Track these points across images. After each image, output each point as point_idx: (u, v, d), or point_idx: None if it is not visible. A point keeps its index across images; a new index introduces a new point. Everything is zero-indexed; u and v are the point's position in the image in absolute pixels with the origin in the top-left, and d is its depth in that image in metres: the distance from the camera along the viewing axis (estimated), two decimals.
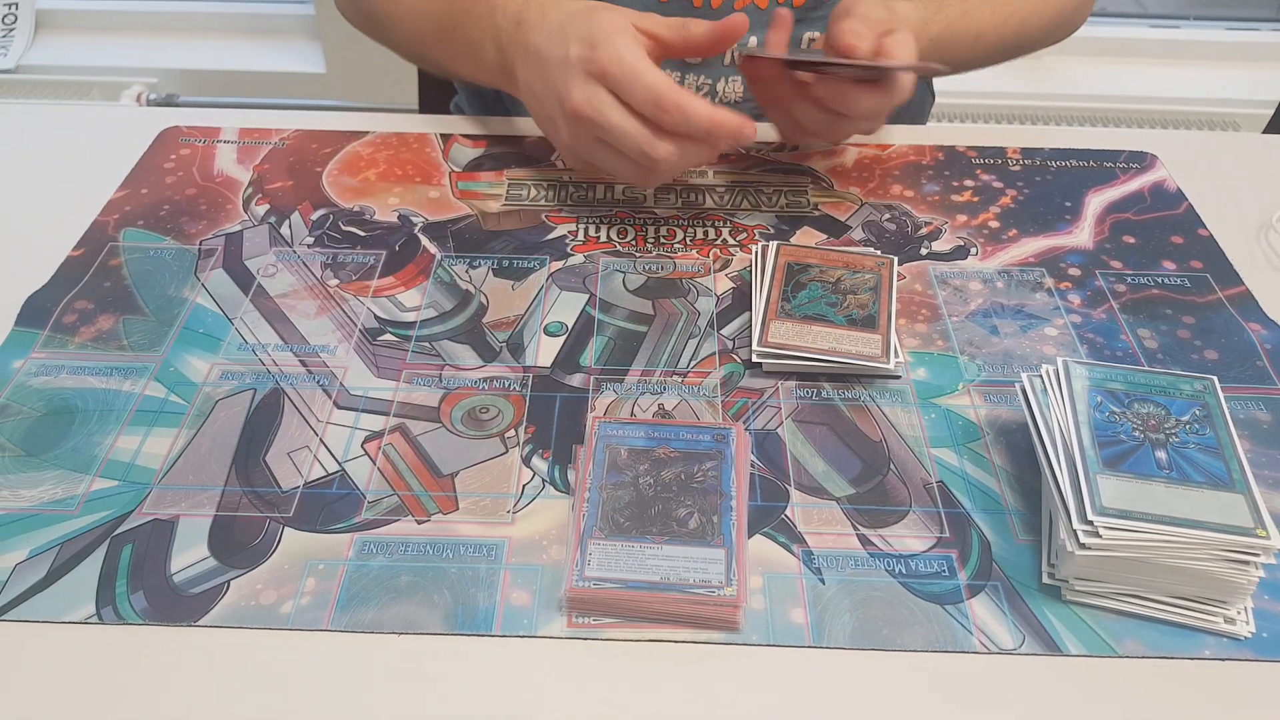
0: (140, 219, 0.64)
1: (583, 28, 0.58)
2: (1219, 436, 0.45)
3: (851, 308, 0.56)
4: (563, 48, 0.58)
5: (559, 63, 0.58)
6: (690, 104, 0.55)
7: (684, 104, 0.55)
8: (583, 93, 0.57)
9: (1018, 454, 0.50)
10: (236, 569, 0.44)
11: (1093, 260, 0.62)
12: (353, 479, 0.48)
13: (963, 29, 0.72)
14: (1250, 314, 0.58)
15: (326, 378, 0.53)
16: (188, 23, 1.86)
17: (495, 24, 0.64)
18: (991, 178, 0.70)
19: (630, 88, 0.55)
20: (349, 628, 0.42)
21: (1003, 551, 0.45)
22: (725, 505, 0.45)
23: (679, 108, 0.55)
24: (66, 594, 0.43)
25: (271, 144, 0.72)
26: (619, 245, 0.63)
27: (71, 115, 0.77)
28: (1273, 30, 1.80)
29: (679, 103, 0.55)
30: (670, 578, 0.42)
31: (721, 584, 0.42)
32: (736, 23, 0.59)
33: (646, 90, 0.55)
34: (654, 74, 0.55)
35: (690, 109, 0.55)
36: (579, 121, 0.58)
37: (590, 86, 0.57)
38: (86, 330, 0.56)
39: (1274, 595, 0.43)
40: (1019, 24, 0.77)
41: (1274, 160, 0.73)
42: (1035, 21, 0.78)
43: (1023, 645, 0.42)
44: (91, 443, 0.49)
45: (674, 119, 0.55)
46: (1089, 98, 1.71)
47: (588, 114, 0.57)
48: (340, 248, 0.63)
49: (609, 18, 0.58)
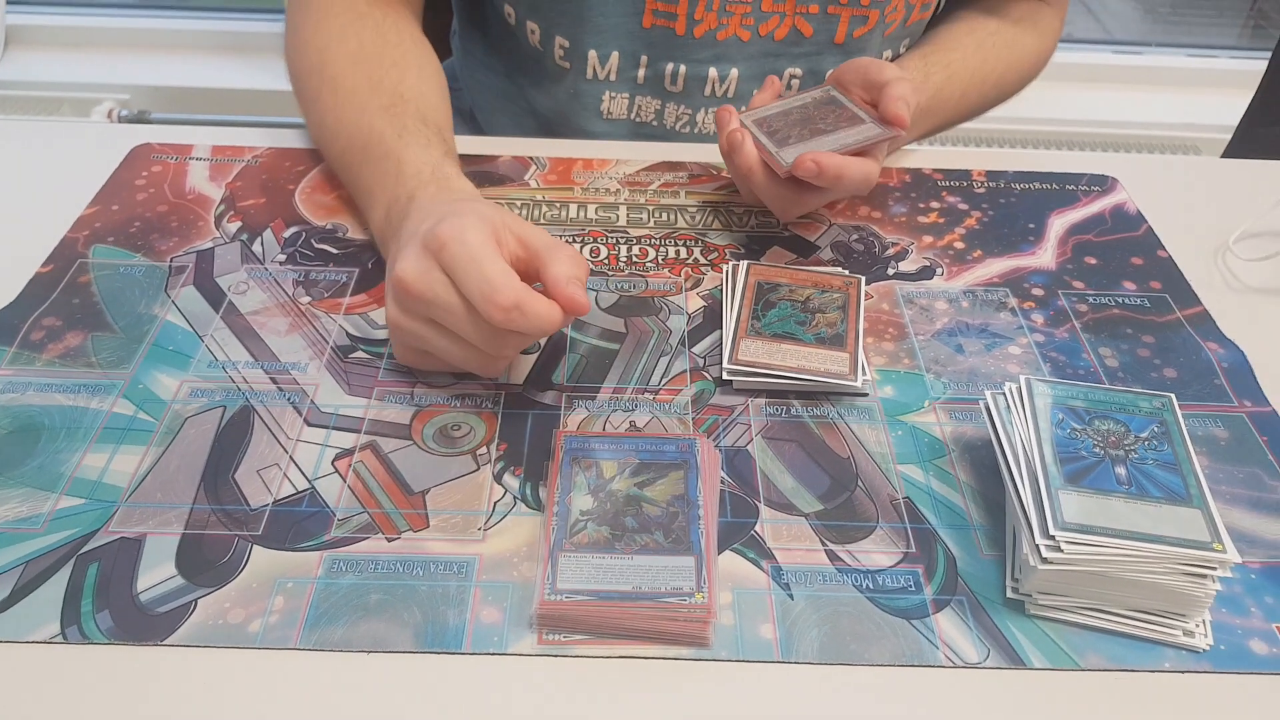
0: (110, 236, 0.64)
1: (447, 208, 0.50)
2: (1177, 453, 0.46)
3: (820, 326, 0.57)
4: (418, 223, 0.51)
5: (406, 236, 0.51)
6: (531, 306, 0.46)
7: (523, 304, 0.45)
8: (415, 265, 0.48)
9: (982, 470, 0.50)
10: (204, 587, 0.44)
11: (1055, 281, 0.64)
12: (323, 496, 0.48)
13: (948, 92, 0.74)
14: (1208, 334, 0.60)
15: (297, 395, 0.53)
16: (161, 39, 1.85)
17: (393, 188, 0.58)
18: (957, 199, 0.71)
19: (465, 271, 0.46)
20: (318, 646, 0.42)
21: (968, 566, 0.46)
22: (693, 514, 0.45)
23: (517, 307, 0.45)
24: (31, 613, 0.42)
25: (244, 161, 0.72)
26: (592, 264, 0.64)
27: (42, 131, 0.77)
28: (1231, 57, 1.84)
29: (518, 302, 0.45)
30: (642, 587, 0.42)
31: (692, 591, 0.42)
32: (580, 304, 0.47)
33: (481, 281, 0.46)
34: (495, 265, 0.46)
35: (530, 311, 0.46)
36: (405, 294, 0.48)
37: (424, 261, 0.48)
38: (54, 347, 0.55)
39: (1231, 609, 0.44)
40: (997, 80, 0.79)
41: (1232, 183, 0.75)
42: (1011, 77, 0.81)
43: (987, 659, 0.42)
44: (58, 460, 0.49)
45: (507, 318, 0.45)
46: (1052, 121, 1.74)
47: (415, 287, 0.47)
48: (312, 265, 0.63)
49: (483, 208, 0.50)
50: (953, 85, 0.74)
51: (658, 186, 0.71)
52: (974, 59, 0.76)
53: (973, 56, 0.76)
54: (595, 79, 0.77)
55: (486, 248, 0.47)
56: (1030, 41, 0.81)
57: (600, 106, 0.78)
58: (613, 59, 0.75)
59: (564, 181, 0.71)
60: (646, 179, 0.72)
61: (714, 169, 0.73)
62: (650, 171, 0.73)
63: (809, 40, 0.75)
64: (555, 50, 0.76)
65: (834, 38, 0.75)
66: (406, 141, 0.60)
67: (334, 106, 0.66)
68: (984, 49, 0.77)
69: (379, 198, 0.59)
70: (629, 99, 0.78)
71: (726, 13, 0.73)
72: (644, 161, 0.74)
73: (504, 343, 0.48)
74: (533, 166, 0.73)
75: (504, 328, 0.46)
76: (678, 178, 0.72)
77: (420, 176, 0.57)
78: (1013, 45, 0.79)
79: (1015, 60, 0.80)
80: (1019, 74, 0.81)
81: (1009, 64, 0.79)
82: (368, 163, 0.62)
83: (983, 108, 0.81)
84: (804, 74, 0.77)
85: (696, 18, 0.73)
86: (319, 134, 0.68)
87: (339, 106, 0.65)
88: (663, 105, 0.78)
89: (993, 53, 0.77)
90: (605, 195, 0.70)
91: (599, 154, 0.74)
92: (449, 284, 0.47)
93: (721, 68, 0.75)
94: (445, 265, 0.47)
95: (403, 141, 0.60)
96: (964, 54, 0.76)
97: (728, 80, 0.76)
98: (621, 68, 0.76)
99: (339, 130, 0.65)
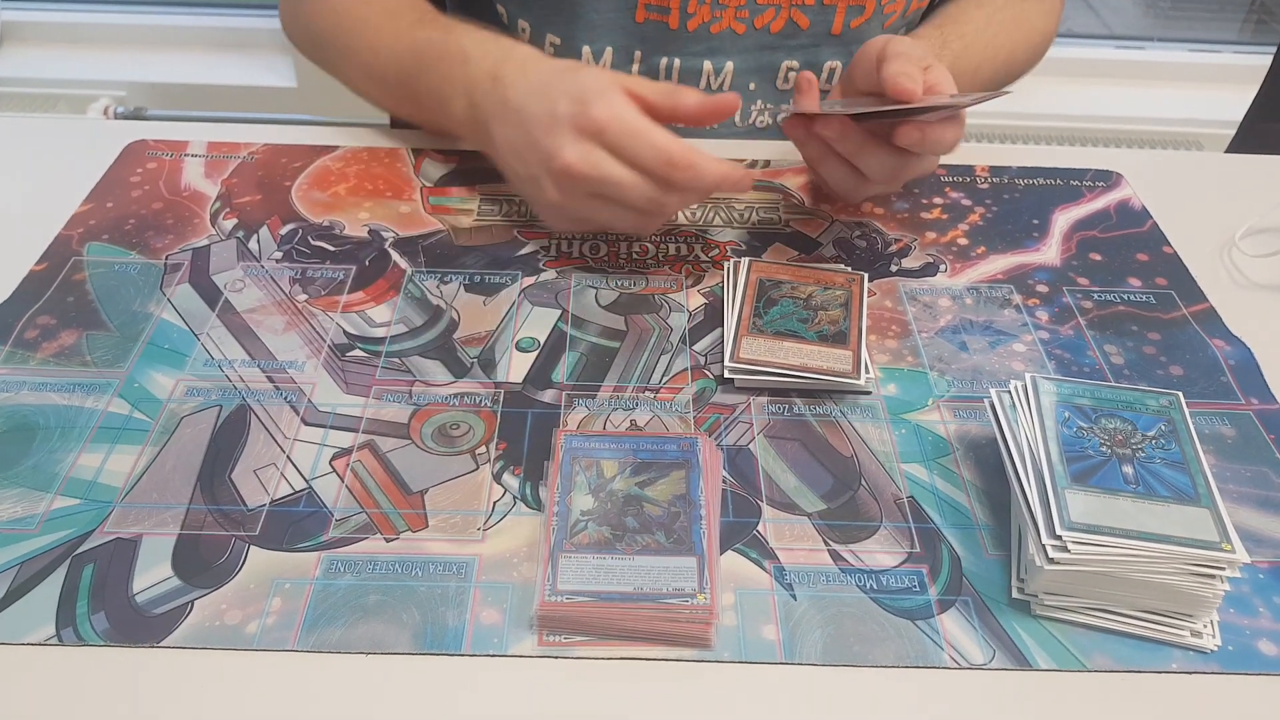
0: (105, 233, 0.63)
1: (570, 85, 0.56)
2: (1184, 451, 0.45)
3: (823, 324, 0.56)
4: (549, 105, 0.56)
5: (545, 120, 0.56)
6: (702, 163, 0.54)
7: (696, 163, 0.54)
8: (576, 150, 0.54)
9: (987, 469, 0.50)
10: (201, 589, 0.43)
11: (1060, 277, 0.63)
12: (320, 496, 0.47)
13: (965, 64, 0.73)
14: (1214, 330, 0.59)
15: (294, 394, 0.53)
16: (157, 36, 1.85)
17: (468, 75, 0.62)
18: (960, 195, 0.71)
19: (635, 146, 0.54)
20: (316, 648, 0.41)
21: (973, 566, 0.45)
22: (695, 514, 0.45)
23: (691, 166, 0.54)
24: (26, 615, 0.42)
25: (240, 158, 0.71)
26: (591, 261, 0.63)
27: (37, 128, 0.76)
28: (1234, 52, 1.83)
29: (692, 161, 0.54)
30: (643, 588, 0.42)
31: (694, 592, 0.42)
32: (728, 100, 0.57)
33: (655, 150, 0.53)
34: (660, 133, 0.54)
35: (702, 168, 0.54)
36: (571, 179, 0.55)
37: (583, 144, 0.54)
38: (49, 346, 0.55)
39: (1239, 609, 0.44)
40: (1007, 56, 0.78)
41: (1237, 179, 0.74)
42: (1020, 54, 0.80)
43: (993, 660, 0.42)
44: (53, 460, 0.48)
45: (685, 176, 0.54)
46: (1056, 117, 1.74)
47: (584, 171, 0.54)
48: (309, 262, 0.62)
49: (596, 75, 0.56)
50: (969, 56, 0.73)
51: None
52: (985, 33, 0.75)
53: (984, 30, 0.75)
54: None
55: (643, 119, 0.54)
56: (1035, 18, 0.80)
57: None
58: (606, 55, 0.75)
59: None
60: None
61: None
62: None
63: (805, 32, 0.74)
64: (545, 48, 0.75)
65: (831, 28, 0.74)
66: (458, 34, 0.64)
67: (367, 48, 0.70)
68: (994, 23, 0.76)
69: (454, 91, 0.63)
70: None
71: (720, 5, 0.72)
72: None
73: (669, 203, 0.56)
74: None
75: (681, 187, 0.54)
76: None
77: (493, 55, 0.61)
78: (1019, 21, 0.79)
79: (1023, 37, 0.80)
80: (1026, 50, 0.81)
81: (1017, 41, 0.79)
82: (425, 71, 0.65)
83: (993, 85, 0.80)
84: (801, 65, 0.76)
85: (690, 11, 0.72)
86: (363, 81, 0.73)
87: (373, 47, 0.69)
88: None
89: (1002, 28, 0.77)
90: None
91: None
92: (615, 161, 0.54)
93: (716, 61, 0.75)
94: (610, 144, 0.54)
95: (454, 35, 0.64)
96: (976, 27, 0.75)
97: (723, 73, 0.76)
98: (615, 63, 0.75)
99: (382, 65, 0.69)
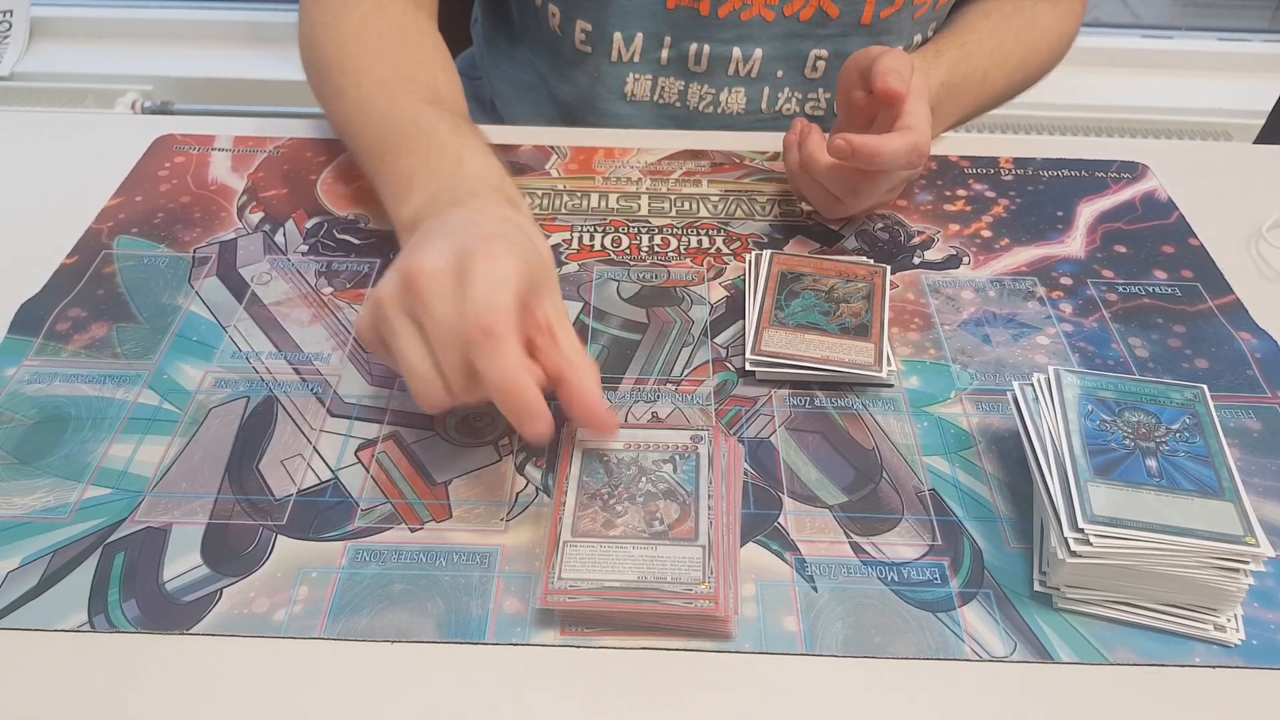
0: (134, 227, 0.64)
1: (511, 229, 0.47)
2: (1209, 445, 0.45)
3: (844, 316, 0.56)
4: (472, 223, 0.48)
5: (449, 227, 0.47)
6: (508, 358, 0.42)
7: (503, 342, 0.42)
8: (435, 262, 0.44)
9: (1009, 462, 0.50)
10: (229, 577, 0.44)
11: (1084, 269, 0.63)
12: (346, 487, 0.48)
13: (968, 68, 0.73)
14: (1240, 323, 0.59)
15: (320, 386, 0.53)
16: (183, 30, 1.86)
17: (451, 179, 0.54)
18: (984, 187, 0.70)
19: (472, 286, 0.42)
20: (342, 636, 0.42)
21: (994, 559, 0.45)
22: (703, 505, 0.45)
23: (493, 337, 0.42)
24: (58, 602, 0.43)
25: (266, 152, 0.72)
26: (613, 254, 0.63)
27: (66, 123, 0.78)
28: (1264, 41, 1.80)
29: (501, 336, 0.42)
30: (647, 577, 0.42)
31: (698, 581, 0.42)
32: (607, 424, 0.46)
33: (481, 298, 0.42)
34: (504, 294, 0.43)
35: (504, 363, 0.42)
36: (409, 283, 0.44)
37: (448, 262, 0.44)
38: (80, 338, 0.56)
39: (1263, 603, 0.44)
40: (1019, 60, 0.77)
41: (1265, 170, 0.74)
42: (1032, 58, 0.79)
43: (1014, 653, 0.42)
44: (84, 450, 0.49)
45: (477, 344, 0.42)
46: (1081, 107, 1.72)
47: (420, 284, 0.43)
48: (334, 255, 0.63)
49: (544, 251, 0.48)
50: (970, 62, 0.73)
51: (680, 175, 0.71)
52: (990, 40, 0.75)
53: (989, 38, 0.75)
54: (619, 61, 0.77)
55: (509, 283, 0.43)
56: (1050, 21, 0.80)
57: (623, 89, 0.78)
58: (637, 40, 0.75)
59: (585, 171, 0.71)
60: (668, 168, 0.72)
61: (736, 157, 0.73)
62: (672, 160, 0.72)
63: (835, 21, 0.74)
64: (576, 34, 0.76)
65: (860, 18, 0.74)
66: (465, 141, 0.56)
67: (360, 99, 0.63)
68: (1000, 31, 0.76)
69: (423, 184, 0.54)
70: (652, 80, 0.78)
71: None
72: (666, 150, 0.73)
73: (464, 383, 0.43)
74: (554, 156, 0.72)
75: (471, 355, 0.42)
76: (700, 166, 0.72)
77: (487, 180, 0.54)
78: (1031, 26, 0.78)
79: (1035, 41, 0.79)
80: (1040, 55, 0.80)
81: (1029, 45, 0.78)
82: (410, 152, 0.57)
83: (1009, 91, 0.79)
84: (830, 55, 0.76)
85: None
86: (343, 124, 0.66)
87: (367, 99, 0.62)
88: (686, 85, 0.77)
89: (1010, 34, 0.76)
90: (627, 184, 0.70)
91: (620, 143, 0.74)
92: (455, 294, 0.43)
93: (746, 48, 0.75)
94: (461, 272, 0.43)
95: (461, 140, 0.57)
96: (979, 35, 0.75)
97: (752, 60, 0.76)
98: (645, 49, 0.76)
99: (367, 121, 0.62)
